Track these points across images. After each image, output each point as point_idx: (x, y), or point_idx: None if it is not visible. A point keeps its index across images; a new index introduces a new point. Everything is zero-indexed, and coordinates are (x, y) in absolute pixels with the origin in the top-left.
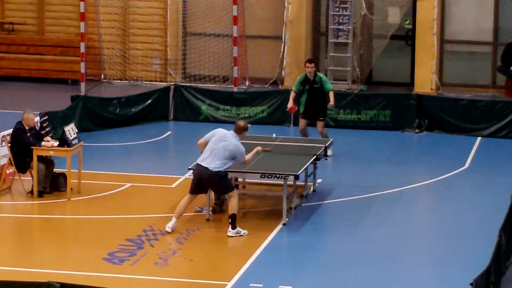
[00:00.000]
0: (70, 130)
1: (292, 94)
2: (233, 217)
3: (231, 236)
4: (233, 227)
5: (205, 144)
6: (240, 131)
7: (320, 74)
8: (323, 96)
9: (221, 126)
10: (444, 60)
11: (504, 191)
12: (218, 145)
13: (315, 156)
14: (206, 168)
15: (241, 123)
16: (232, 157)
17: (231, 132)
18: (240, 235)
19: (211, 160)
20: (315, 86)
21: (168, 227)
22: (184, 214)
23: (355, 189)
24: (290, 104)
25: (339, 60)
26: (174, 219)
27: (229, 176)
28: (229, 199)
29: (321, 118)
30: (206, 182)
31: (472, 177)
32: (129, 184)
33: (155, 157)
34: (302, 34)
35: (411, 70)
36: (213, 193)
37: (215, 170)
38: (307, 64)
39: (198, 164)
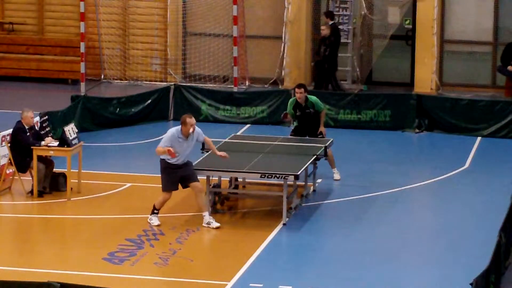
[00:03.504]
0: (70, 130)
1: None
2: (153, 207)
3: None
4: (151, 214)
5: None
6: (182, 123)
7: (312, 98)
8: (317, 119)
9: (221, 126)
10: (444, 60)
11: (504, 191)
12: None
13: (315, 156)
14: None
15: (184, 115)
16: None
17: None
18: (151, 223)
19: None
20: (307, 111)
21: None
22: (184, 214)
23: (355, 189)
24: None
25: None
26: (205, 213)
27: (166, 178)
28: (161, 195)
29: (320, 137)
30: None
31: (472, 177)
32: (129, 184)
33: (155, 157)
34: (302, 34)
35: (411, 70)
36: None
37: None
38: (296, 90)
39: None
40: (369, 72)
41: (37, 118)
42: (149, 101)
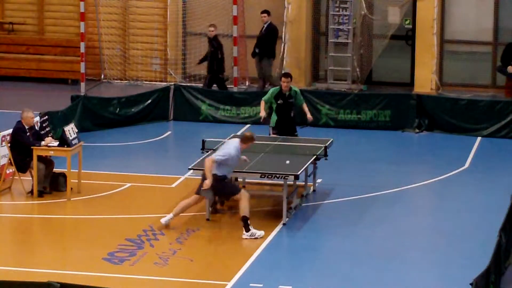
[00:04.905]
0: (70, 130)
1: (262, 104)
2: (244, 219)
3: (246, 238)
4: (247, 230)
5: None
6: (244, 140)
7: (295, 88)
8: (293, 110)
9: (221, 126)
10: (444, 60)
11: (504, 191)
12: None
13: (315, 156)
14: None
15: (248, 133)
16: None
17: (236, 140)
18: (255, 238)
19: None
20: (290, 100)
21: (163, 219)
22: (184, 214)
23: (355, 189)
24: (262, 113)
25: (339, 60)
26: (170, 215)
27: (227, 179)
28: (238, 202)
29: (296, 134)
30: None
31: (472, 177)
32: (129, 184)
33: (155, 157)
34: (302, 34)
35: (411, 70)
36: None
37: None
38: (283, 79)
39: None
40: (369, 72)
41: (37, 118)
42: (149, 101)
